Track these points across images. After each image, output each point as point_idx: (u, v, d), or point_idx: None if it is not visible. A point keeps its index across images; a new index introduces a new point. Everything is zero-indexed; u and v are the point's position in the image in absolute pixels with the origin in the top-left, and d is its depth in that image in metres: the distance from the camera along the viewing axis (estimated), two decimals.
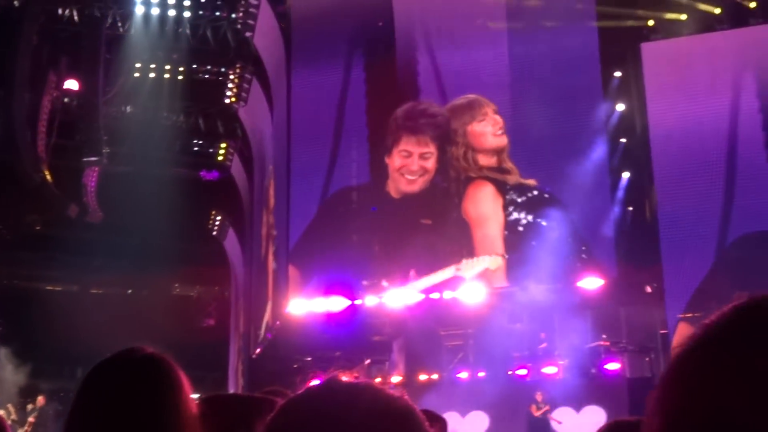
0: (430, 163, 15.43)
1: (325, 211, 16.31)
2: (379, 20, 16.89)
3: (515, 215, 15.45)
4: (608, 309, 15.64)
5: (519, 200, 15.42)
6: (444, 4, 16.69)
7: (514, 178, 15.35)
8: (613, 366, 14.83)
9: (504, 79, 16.16)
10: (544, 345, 15.58)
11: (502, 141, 15.56)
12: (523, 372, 15.37)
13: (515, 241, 15.32)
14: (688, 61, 16.09)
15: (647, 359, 15.47)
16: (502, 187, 15.47)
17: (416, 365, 16.33)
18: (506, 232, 15.29)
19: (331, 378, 1.39)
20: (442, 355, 16.22)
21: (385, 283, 15.47)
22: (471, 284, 15.16)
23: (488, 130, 15.67)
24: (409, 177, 15.48)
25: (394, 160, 15.54)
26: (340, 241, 16.14)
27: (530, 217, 15.41)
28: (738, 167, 15.22)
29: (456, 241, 15.29)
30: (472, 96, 15.80)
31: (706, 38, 16.47)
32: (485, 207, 15.34)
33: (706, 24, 16.71)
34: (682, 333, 14.50)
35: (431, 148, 15.34)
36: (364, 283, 15.61)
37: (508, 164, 15.61)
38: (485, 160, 15.64)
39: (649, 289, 15.99)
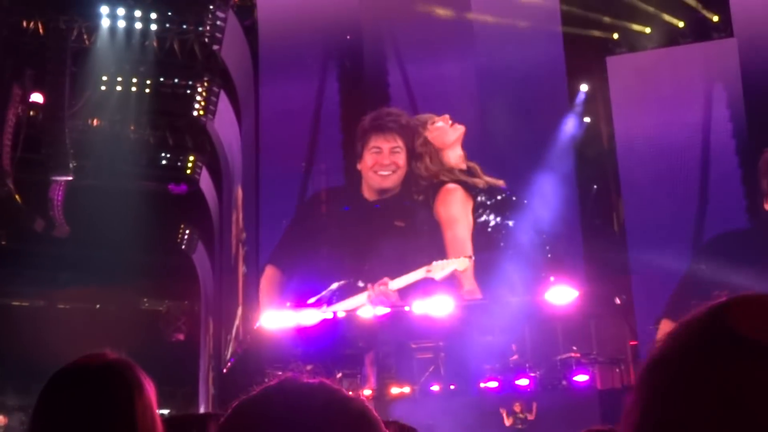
0: (401, 159, 15.75)
1: (303, 213, 16.64)
2: (347, 33, 16.98)
3: (484, 217, 15.68)
4: (578, 321, 15.72)
5: (488, 202, 15.67)
6: (411, 18, 16.81)
7: (482, 181, 15.61)
8: (582, 378, 14.90)
9: (472, 91, 16.29)
10: (515, 357, 15.62)
11: (459, 129, 15.81)
12: (494, 384, 15.38)
13: (484, 242, 15.51)
14: (653, 74, 16.30)
15: (617, 370, 15.56)
16: (471, 190, 15.70)
17: (387, 378, 16.30)
18: (475, 234, 15.51)
19: (285, 378, 1.37)
20: (414, 368, 16.22)
21: (360, 283, 15.60)
22: (439, 297, 15.20)
23: (442, 125, 15.90)
24: (383, 173, 15.79)
25: (366, 161, 15.83)
26: (317, 242, 16.44)
27: (498, 219, 15.65)
28: (711, 175, 15.42)
29: (427, 243, 15.50)
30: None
31: (671, 51, 16.71)
32: (455, 209, 15.61)
33: (670, 38, 16.95)
34: (664, 330, 14.59)
35: (399, 143, 15.67)
36: (341, 282, 15.72)
37: (471, 163, 15.80)
38: (453, 159, 15.84)
39: (618, 301, 16.11)
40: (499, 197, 15.68)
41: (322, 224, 16.50)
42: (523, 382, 15.13)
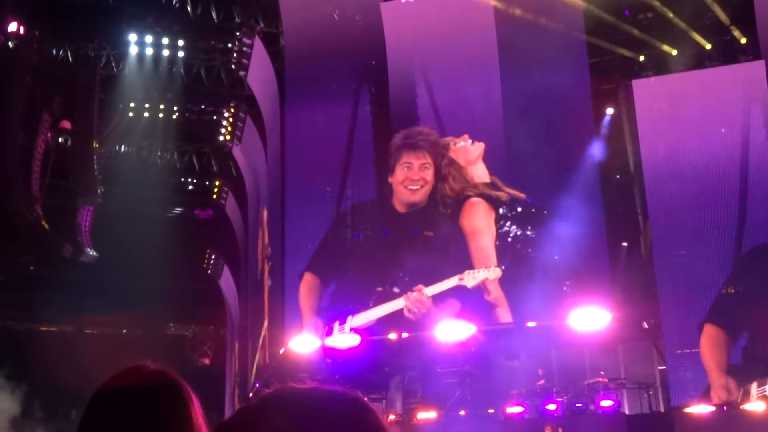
0: (429, 175, 16.48)
1: (338, 224, 17.55)
2: (372, 58, 17.26)
3: (506, 228, 16.02)
4: (605, 345, 15.60)
5: (510, 214, 16.02)
6: (437, 42, 17.01)
7: (504, 194, 15.99)
8: (607, 403, 14.73)
9: (497, 113, 16.44)
10: (542, 382, 15.51)
11: (479, 146, 16.23)
12: (520, 409, 15.28)
13: (507, 252, 15.82)
14: (681, 96, 16.23)
15: (646, 395, 15.40)
16: (494, 202, 16.07)
17: (414, 403, 16.28)
18: (498, 244, 15.86)
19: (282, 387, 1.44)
20: (440, 392, 16.20)
21: (396, 289, 15.95)
22: (458, 323, 15.28)
23: (464, 144, 16.30)
24: (412, 187, 16.49)
25: (397, 175, 16.58)
26: (352, 251, 17.25)
27: (520, 230, 16.01)
28: (748, 196, 15.32)
29: (455, 253, 15.90)
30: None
31: (698, 74, 16.63)
32: (479, 221, 16.10)
33: (698, 60, 16.88)
34: (709, 333, 14.55)
35: (429, 160, 16.35)
36: (378, 289, 16.23)
37: (494, 177, 16.16)
38: (476, 174, 16.23)
39: (646, 325, 15.97)
40: (520, 209, 15.99)
41: (356, 234, 17.18)
42: (550, 407, 15.00)
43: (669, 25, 16.96)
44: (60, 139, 21.61)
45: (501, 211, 16.01)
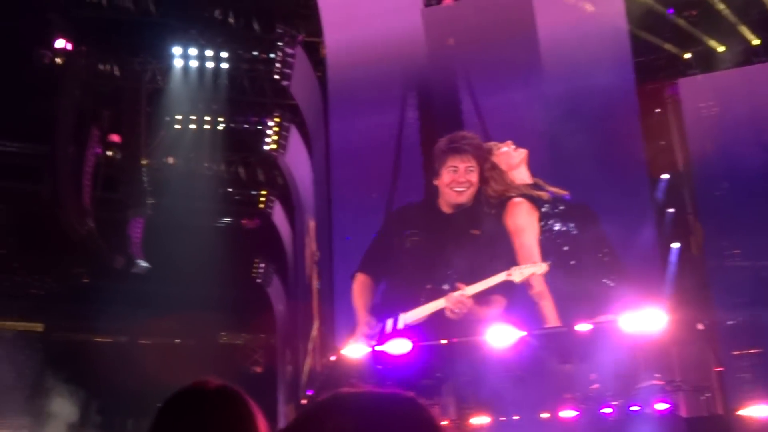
0: (474, 177, 16.70)
1: (388, 225, 17.84)
2: (415, 65, 17.36)
3: (550, 226, 16.09)
4: (660, 347, 15.42)
5: (553, 212, 16.06)
6: (479, 46, 17.05)
7: (546, 194, 16.02)
8: (663, 406, 14.55)
9: (542, 117, 16.42)
10: (596, 386, 15.37)
11: (522, 152, 16.29)
12: (573, 414, 15.15)
13: (551, 249, 15.83)
14: (728, 94, 16.02)
15: (703, 398, 15.17)
16: (536, 202, 16.13)
17: (466, 408, 16.25)
18: (542, 241, 15.92)
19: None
20: (493, 397, 16.15)
21: (446, 286, 16.14)
22: (508, 327, 15.24)
23: (507, 150, 16.35)
24: (458, 189, 16.77)
25: (443, 178, 16.78)
26: (401, 250, 17.56)
27: (564, 227, 16.02)
28: None
29: (500, 251, 16.02)
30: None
31: (745, 71, 16.39)
32: (521, 220, 16.20)
33: (745, 56, 16.66)
34: None
35: (473, 163, 16.52)
36: (428, 287, 16.48)
37: (536, 179, 16.22)
38: (518, 178, 16.34)
39: (701, 327, 15.76)
40: (563, 207, 15.99)
41: (405, 235, 17.44)
42: (605, 410, 14.85)
43: (716, 20, 16.75)
44: (109, 153, 21.93)
45: (544, 209, 16.07)
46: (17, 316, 24.49)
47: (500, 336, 15.29)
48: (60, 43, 19.98)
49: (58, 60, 19.91)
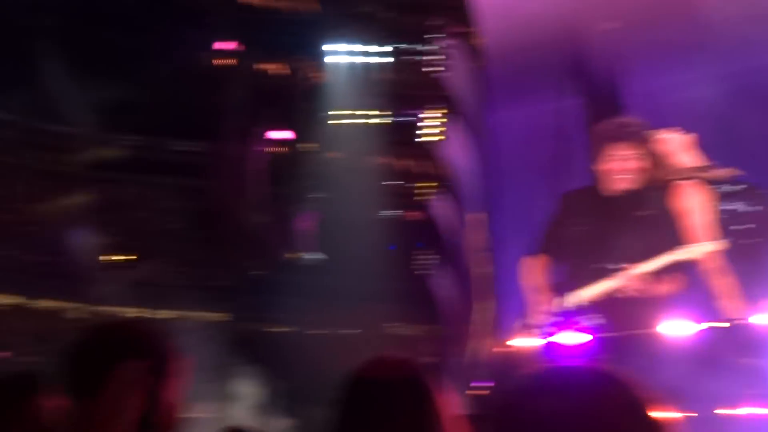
0: (635, 163, 16.17)
1: (554, 213, 17.94)
2: (573, 50, 17.13)
3: (721, 206, 15.48)
4: None
5: (725, 192, 15.44)
6: (638, 29, 16.56)
7: (716, 175, 15.41)
8: None
9: (709, 98, 15.79)
10: None
11: (688, 137, 15.64)
12: (762, 411, 14.44)
13: (725, 230, 15.23)
14: None
15: None
16: (706, 183, 15.56)
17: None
18: (714, 222, 15.36)
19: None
20: (670, 391, 15.61)
21: (611, 266, 16.07)
22: (683, 321, 14.67)
23: (670, 136, 15.79)
24: (618, 176, 16.37)
25: (605, 164, 16.40)
26: (570, 233, 17.59)
27: (737, 207, 15.36)
28: None
29: (669, 232, 15.62)
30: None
31: None
32: (687, 202, 15.62)
33: None
34: None
35: (634, 150, 16.07)
36: (609, 266, 16.34)
37: (704, 161, 15.59)
38: (685, 160, 15.84)
39: None
40: (735, 187, 15.34)
41: (573, 219, 17.39)
42: None
43: None
44: (274, 150, 22.57)
45: (715, 190, 15.52)
46: (201, 307, 25.65)
47: (674, 328, 14.79)
48: (220, 45, 20.74)
49: (219, 61, 20.65)
